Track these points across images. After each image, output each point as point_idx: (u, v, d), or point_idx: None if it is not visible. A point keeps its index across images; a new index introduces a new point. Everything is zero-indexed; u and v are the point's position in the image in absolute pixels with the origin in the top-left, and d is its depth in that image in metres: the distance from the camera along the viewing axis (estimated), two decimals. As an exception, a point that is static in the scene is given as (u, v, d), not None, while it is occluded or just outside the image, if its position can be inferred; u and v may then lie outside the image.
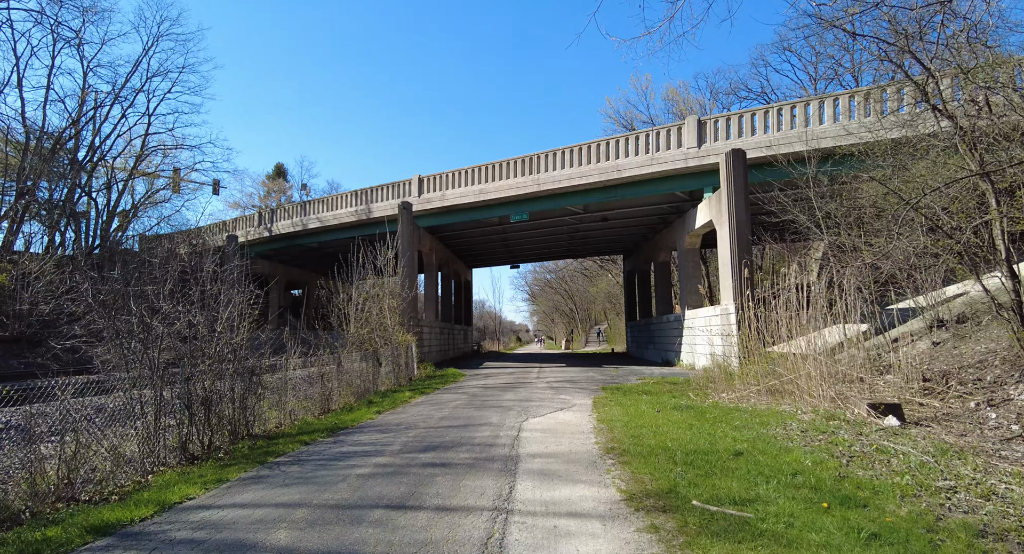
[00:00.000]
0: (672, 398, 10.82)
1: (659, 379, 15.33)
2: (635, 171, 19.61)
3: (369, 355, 15.00)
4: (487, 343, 56.43)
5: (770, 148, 17.01)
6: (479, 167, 23.66)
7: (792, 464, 5.30)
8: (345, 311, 14.36)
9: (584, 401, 10.92)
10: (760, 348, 11.78)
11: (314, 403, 11.08)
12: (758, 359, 11.46)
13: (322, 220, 29.18)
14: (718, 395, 11.03)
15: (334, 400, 11.92)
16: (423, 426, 8.33)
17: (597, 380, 15.76)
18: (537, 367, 22.77)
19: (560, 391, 12.87)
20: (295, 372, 11.13)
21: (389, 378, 16.04)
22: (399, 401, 11.92)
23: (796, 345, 10.77)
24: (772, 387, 10.11)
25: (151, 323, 6.85)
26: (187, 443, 6.87)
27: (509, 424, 8.24)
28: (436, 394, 13.28)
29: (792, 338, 10.99)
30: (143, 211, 33.81)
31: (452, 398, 12.05)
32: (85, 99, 29.71)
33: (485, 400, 11.39)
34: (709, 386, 12.18)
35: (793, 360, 10.29)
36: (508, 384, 15.23)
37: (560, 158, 21.46)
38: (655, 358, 26.19)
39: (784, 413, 8.46)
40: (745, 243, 16.07)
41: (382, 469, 5.67)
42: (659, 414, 8.70)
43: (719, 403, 10.07)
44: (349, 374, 13.16)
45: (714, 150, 18.08)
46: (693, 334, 19.88)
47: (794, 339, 10.97)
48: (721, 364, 16.55)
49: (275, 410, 9.51)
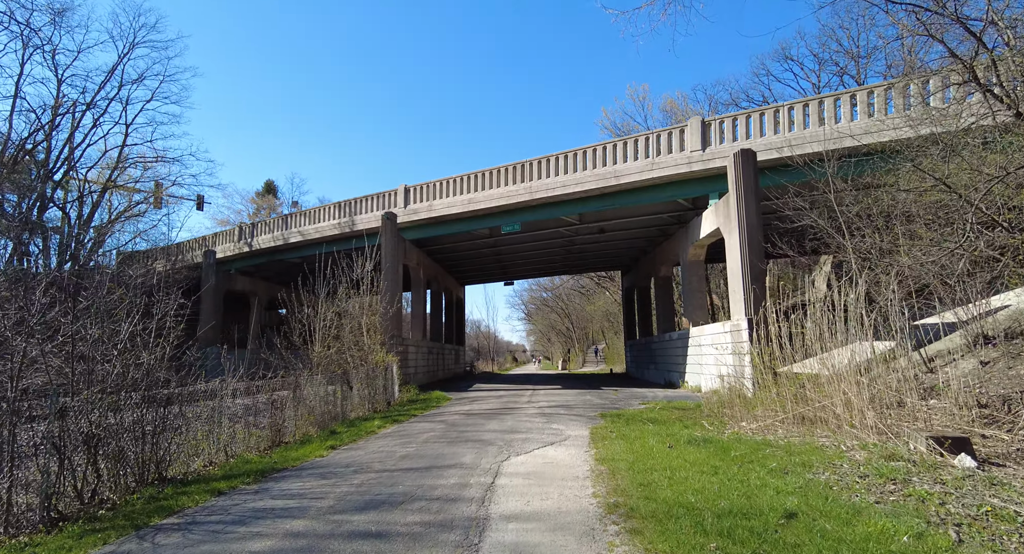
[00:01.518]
0: (683, 428, 9.16)
1: (664, 403, 13.66)
2: (634, 177, 18.19)
3: (338, 378, 13.32)
4: (481, 364, 54.53)
5: (781, 150, 15.62)
6: (468, 176, 22.25)
7: (878, 538, 3.66)
8: (310, 327, 12.70)
9: (580, 432, 9.25)
10: (783, 368, 10.19)
11: (263, 435, 9.40)
12: (782, 381, 9.84)
13: (304, 234, 27.66)
14: (736, 424, 9.38)
15: (289, 431, 10.22)
16: (377, 468, 6.66)
17: (595, 405, 14.07)
18: (530, 389, 21.03)
19: (552, 419, 11.19)
20: (238, 401, 9.48)
21: (363, 403, 14.34)
22: (364, 432, 10.23)
23: (825, 363, 9.18)
24: (801, 415, 8.47)
25: (9, 337, 5.23)
26: (54, 498, 5.19)
27: (485, 466, 6.58)
28: (410, 423, 11.59)
29: (816, 355, 9.42)
30: (119, 226, 32.27)
31: (426, 428, 10.36)
32: (59, 109, 28.40)
33: (463, 431, 9.70)
34: (724, 412, 10.54)
35: (826, 382, 8.68)
36: (495, 410, 13.53)
37: (554, 164, 20.06)
38: (657, 379, 24.47)
39: (825, 449, 6.82)
40: (757, 251, 14.56)
41: (290, 544, 4.01)
42: (671, 450, 7.05)
43: (740, 434, 8.43)
44: (310, 400, 11.48)
45: (720, 153, 16.69)
46: (699, 353, 18.24)
47: (818, 356, 9.40)
48: (733, 386, 14.90)
49: (211, 445, 7.85)
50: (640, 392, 18.22)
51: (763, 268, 14.67)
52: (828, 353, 9.39)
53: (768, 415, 9.16)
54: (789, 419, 8.57)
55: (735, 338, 14.93)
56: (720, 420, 9.88)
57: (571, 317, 68.19)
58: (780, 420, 8.80)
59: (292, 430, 10.29)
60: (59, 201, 29.74)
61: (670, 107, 34.71)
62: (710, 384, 17.00)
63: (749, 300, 14.36)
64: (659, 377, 24.14)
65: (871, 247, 11.70)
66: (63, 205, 29.67)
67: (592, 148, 19.31)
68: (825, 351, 9.41)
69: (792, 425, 8.59)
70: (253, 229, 30.73)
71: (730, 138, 16.78)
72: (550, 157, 20.16)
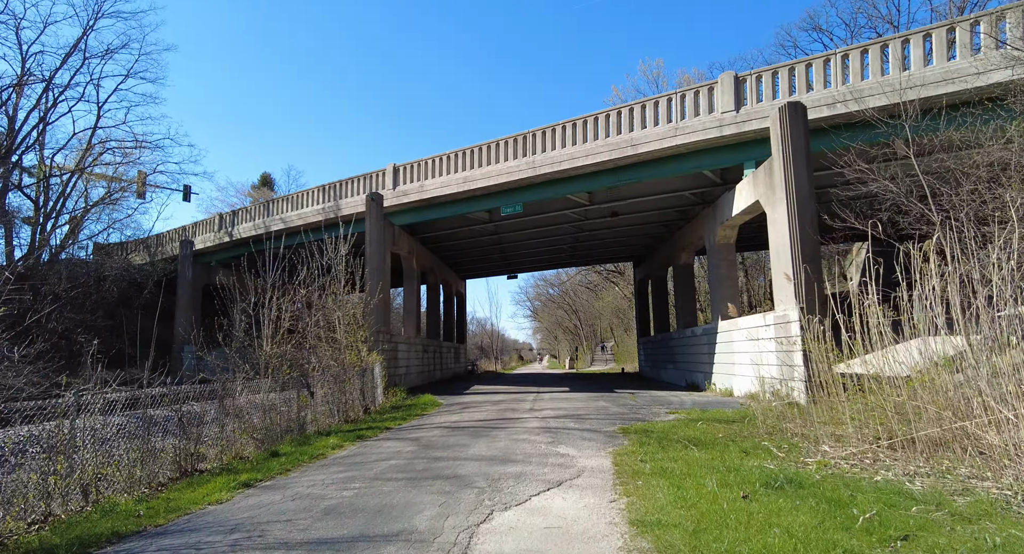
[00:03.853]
0: (743, 455, 6.55)
1: (698, 412, 11.06)
2: (654, 145, 15.54)
3: (295, 382, 10.81)
4: (484, 363, 51.98)
5: (834, 107, 12.95)
6: (463, 151, 19.67)
7: None
8: (256, 320, 10.18)
9: (598, 461, 6.66)
10: (837, 368, 7.62)
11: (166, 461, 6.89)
12: (853, 386, 7.23)
13: (286, 221, 25.19)
14: (814, 448, 6.76)
15: (213, 454, 7.71)
16: (273, 538, 4.10)
17: (612, 415, 11.48)
18: (534, 392, 18.46)
19: (559, 436, 8.60)
20: (159, 412, 7.00)
21: (331, 412, 11.83)
22: (309, 455, 7.69)
23: (889, 361, 6.60)
24: (930, 438, 5.83)
25: None
26: None
27: (448, 535, 4.01)
28: (377, 440, 9.04)
29: (874, 352, 6.88)
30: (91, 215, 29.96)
31: (390, 451, 7.80)
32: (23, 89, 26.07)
33: (437, 458, 7.13)
34: (785, 428, 7.93)
35: (922, 387, 6.05)
36: (487, 422, 10.97)
37: (560, 135, 17.45)
38: (676, 380, 21.81)
39: (1010, 506, 4.21)
40: (811, 224, 11.89)
41: None
42: (750, 504, 4.45)
43: (831, 467, 5.81)
44: (248, 412, 8.96)
45: (757, 112, 14.02)
46: (730, 350, 15.59)
47: (880, 352, 6.86)
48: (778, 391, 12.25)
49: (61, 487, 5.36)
50: (662, 396, 15.60)
51: (818, 244, 12.00)
52: (885, 350, 6.92)
53: (861, 436, 6.54)
54: (906, 445, 5.95)
55: (781, 332, 12.27)
56: (787, 440, 7.26)
57: (579, 314, 65.51)
58: (885, 446, 6.16)
59: (216, 452, 7.78)
60: (27, 188, 27.50)
61: (686, 83, 31.96)
62: (745, 387, 14.36)
63: (800, 285, 11.71)
64: (679, 378, 21.48)
65: (967, 216, 9.03)
66: (35, 193, 27.40)
67: (605, 114, 16.67)
68: (883, 347, 6.95)
69: (903, 452, 5.97)
70: (234, 217, 28.31)
71: (770, 95, 14.10)
72: (556, 126, 17.55)
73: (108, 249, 32.88)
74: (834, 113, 12.90)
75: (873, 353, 7.12)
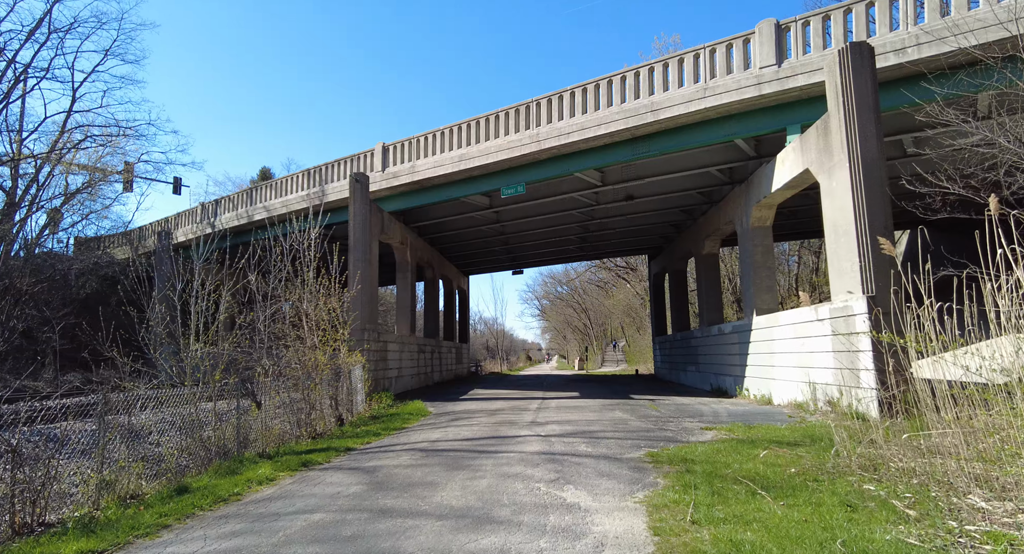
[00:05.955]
0: (848, 511, 4.25)
1: (742, 429, 8.74)
2: (679, 109, 13.22)
3: (236, 390, 8.62)
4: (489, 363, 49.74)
5: (904, 52, 10.58)
6: (459, 125, 17.45)
7: None
8: (182, 311, 8.00)
9: (624, 520, 4.39)
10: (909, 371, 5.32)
11: None
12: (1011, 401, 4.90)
13: (270, 209, 23.10)
14: (957, 499, 4.45)
15: (82, 497, 5.54)
16: None
17: (633, 431, 9.19)
18: (539, 398, 16.19)
19: (566, 469, 6.32)
20: None
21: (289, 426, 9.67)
22: (214, 498, 5.49)
23: None
24: None
25: None
26: None
27: None
28: (323, 470, 6.81)
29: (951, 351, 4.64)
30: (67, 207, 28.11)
31: (327, 494, 5.57)
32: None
33: (384, 511, 4.88)
34: (882, 458, 5.60)
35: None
36: (475, 442, 8.73)
37: (568, 103, 15.17)
38: (699, 384, 19.44)
39: None
40: (880, 195, 9.52)
41: None
42: None
43: (1002, 539, 3.51)
44: (153, 434, 6.79)
45: (805, 65, 11.68)
46: (770, 351, 13.23)
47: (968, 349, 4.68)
48: (834, 401, 9.92)
49: None
50: (688, 405, 13.26)
51: (891, 218, 9.62)
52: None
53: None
54: None
55: (841, 327, 9.91)
56: (898, 480, 4.94)
57: (588, 312, 63.10)
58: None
59: (89, 494, 5.59)
60: None
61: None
62: (788, 394, 12.02)
63: (867, 269, 9.35)
64: (702, 381, 19.11)
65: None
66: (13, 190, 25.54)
67: (620, 75, 14.36)
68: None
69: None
70: (216, 207, 26.29)
71: (819, 45, 11.75)
72: (563, 92, 15.26)
73: (88, 243, 31.06)
74: (904, 61, 10.52)
75: (957, 351, 4.95)
